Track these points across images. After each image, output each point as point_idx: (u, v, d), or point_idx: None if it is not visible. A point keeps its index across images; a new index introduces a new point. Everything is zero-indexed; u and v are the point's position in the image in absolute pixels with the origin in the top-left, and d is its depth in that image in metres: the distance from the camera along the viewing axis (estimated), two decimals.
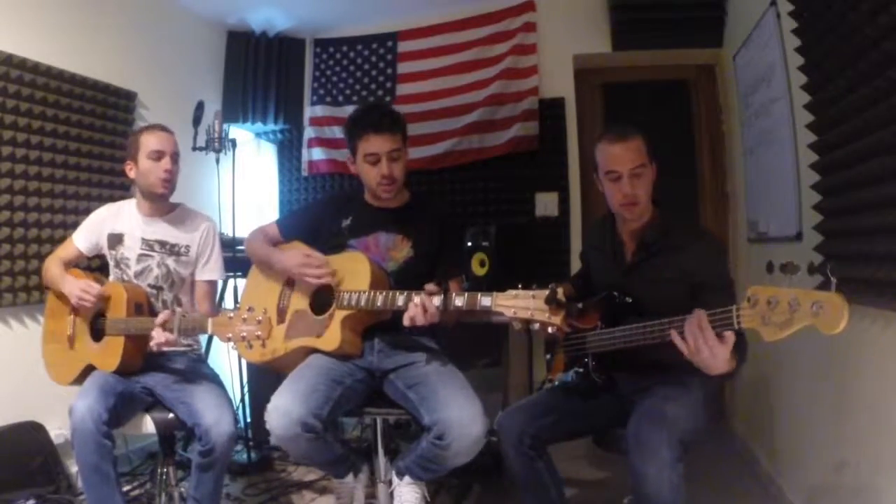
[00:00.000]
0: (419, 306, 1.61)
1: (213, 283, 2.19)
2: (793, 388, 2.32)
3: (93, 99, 2.71)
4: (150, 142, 2.04)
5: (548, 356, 1.99)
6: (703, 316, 1.36)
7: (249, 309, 1.72)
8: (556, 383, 1.88)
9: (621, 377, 1.76)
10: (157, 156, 2.03)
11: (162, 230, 2.11)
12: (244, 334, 1.69)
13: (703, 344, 1.34)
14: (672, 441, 1.45)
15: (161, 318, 1.81)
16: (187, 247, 2.12)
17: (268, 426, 1.65)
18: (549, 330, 1.45)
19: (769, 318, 1.22)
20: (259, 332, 1.68)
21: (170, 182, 2.06)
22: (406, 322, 1.64)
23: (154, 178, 2.03)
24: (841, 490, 1.84)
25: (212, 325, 1.77)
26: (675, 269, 1.67)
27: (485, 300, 1.54)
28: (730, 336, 1.33)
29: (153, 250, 2.09)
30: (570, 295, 1.89)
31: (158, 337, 1.80)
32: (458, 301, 1.59)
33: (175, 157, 2.07)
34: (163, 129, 2.11)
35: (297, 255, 1.89)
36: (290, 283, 1.95)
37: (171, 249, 2.10)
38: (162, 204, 2.12)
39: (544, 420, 1.76)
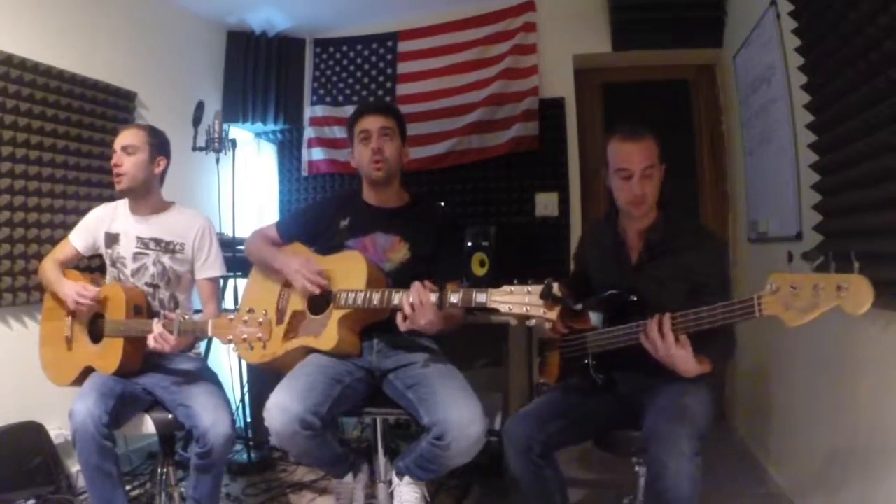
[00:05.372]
0: (413, 303, 1.60)
1: (215, 281, 2.18)
2: (792, 387, 2.32)
3: (93, 99, 2.71)
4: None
5: (538, 359, 1.99)
6: (666, 320, 1.48)
7: (250, 311, 1.72)
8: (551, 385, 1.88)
9: (622, 377, 1.76)
10: (113, 154, 2.06)
11: (156, 228, 2.10)
12: (245, 336, 1.69)
13: (661, 345, 1.48)
14: (692, 435, 1.45)
15: (165, 315, 1.81)
16: (182, 244, 2.11)
17: (266, 423, 1.65)
18: (546, 326, 1.45)
19: (792, 304, 1.26)
20: (260, 334, 1.68)
21: (119, 175, 2.03)
22: (402, 327, 1.63)
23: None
24: (840, 489, 1.84)
25: (212, 327, 1.77)
26: (680, 268, 1.69)
27: (480, 297, 1.53)
28: (684, 340, 1.46)
29: (148, 248, 2.08)
30: (567, 295, 1.89)
31: (157, 329, 1.79)
32: (454, 298, 1.58)
33: (128, 150, 2.03)
34: (126, 125, 2.17)
35: (295, 260, 1.89)
36: (288, 283, 1.95)
37: (165, 247, 2.09)
38: (151, 202, 2.11)
39: (553, 426, 1.72)
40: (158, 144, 2.10)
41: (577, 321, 1.79)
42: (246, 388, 3.03)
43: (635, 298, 1.71)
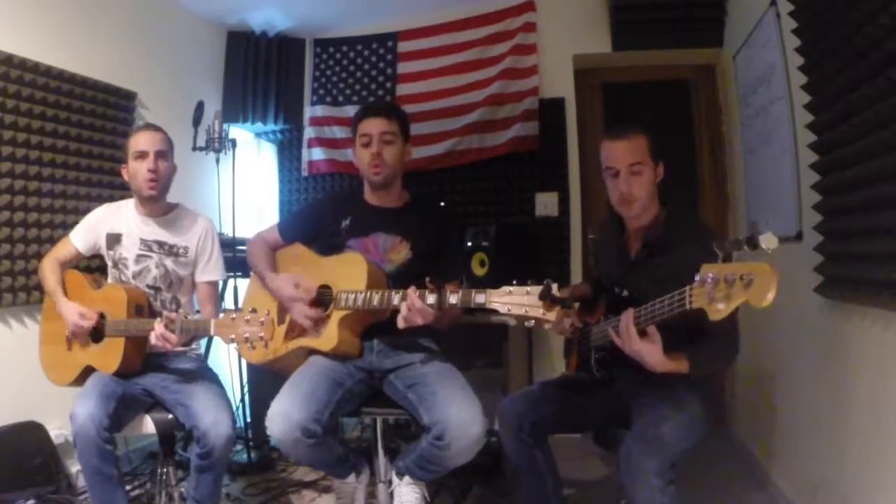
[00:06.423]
0: (409, 306, 1.61)
1: (214, 284, 2.18)
2: (792, 388, 2.32)
3: (93, 99, 2.71)
4: (134, 143, 2.04)
5: (566, 357, 2.01)
6: (629, 315, 1.48)
7: (252, 310, 1.72)
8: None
9: (620, 374, 1.77)
10: (141, 155, 2.01)
11: (160, 231, 2.10)
12: (247, 335, 1.69)
13: (627, 340, 1.47)
14: (663, 467, 1.46)
15: (167, 316, 1.80)
16: (185, 248, 2.11)
17: (269, 432, 1.65)
18: (546, 326, 1.45)
19: (714, 296, 1.22)
20: (262, 334, 1.68)
21: (156, 182, 2.01)
22: (400, 324, 1.64)
23: (140, 179, 2.01)
24: (840, 490, 1.84)
25: (214, 326, 1.77)
26: (676, 265, 1.68)
27: (479, 297, 1.53)
28: (652, 332, 1.44)
29: (151, 251, 2.08)
30: (588, 295, 1.92)
31: (158, 329, 1.78)
32: (453, 298, 1.58)
33: (161, 155, 2.02)
34: (149, 127, 2.09)
35: (288, 286, 1.87)
36: None
37: (169, 250, 2.09)
38: (159, 204, 2.10)
39: (545, 409, 1.78)
40: (173, 149, 2.12)
41: (589, 315, 1.84)
42: (246, 388, 3.03)
43: (626, 294, 1.72)
